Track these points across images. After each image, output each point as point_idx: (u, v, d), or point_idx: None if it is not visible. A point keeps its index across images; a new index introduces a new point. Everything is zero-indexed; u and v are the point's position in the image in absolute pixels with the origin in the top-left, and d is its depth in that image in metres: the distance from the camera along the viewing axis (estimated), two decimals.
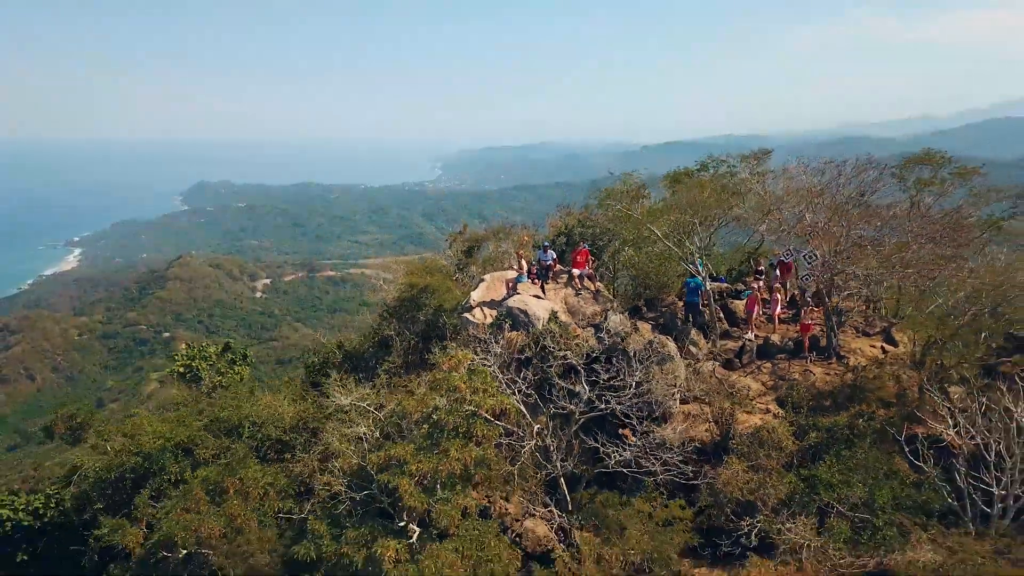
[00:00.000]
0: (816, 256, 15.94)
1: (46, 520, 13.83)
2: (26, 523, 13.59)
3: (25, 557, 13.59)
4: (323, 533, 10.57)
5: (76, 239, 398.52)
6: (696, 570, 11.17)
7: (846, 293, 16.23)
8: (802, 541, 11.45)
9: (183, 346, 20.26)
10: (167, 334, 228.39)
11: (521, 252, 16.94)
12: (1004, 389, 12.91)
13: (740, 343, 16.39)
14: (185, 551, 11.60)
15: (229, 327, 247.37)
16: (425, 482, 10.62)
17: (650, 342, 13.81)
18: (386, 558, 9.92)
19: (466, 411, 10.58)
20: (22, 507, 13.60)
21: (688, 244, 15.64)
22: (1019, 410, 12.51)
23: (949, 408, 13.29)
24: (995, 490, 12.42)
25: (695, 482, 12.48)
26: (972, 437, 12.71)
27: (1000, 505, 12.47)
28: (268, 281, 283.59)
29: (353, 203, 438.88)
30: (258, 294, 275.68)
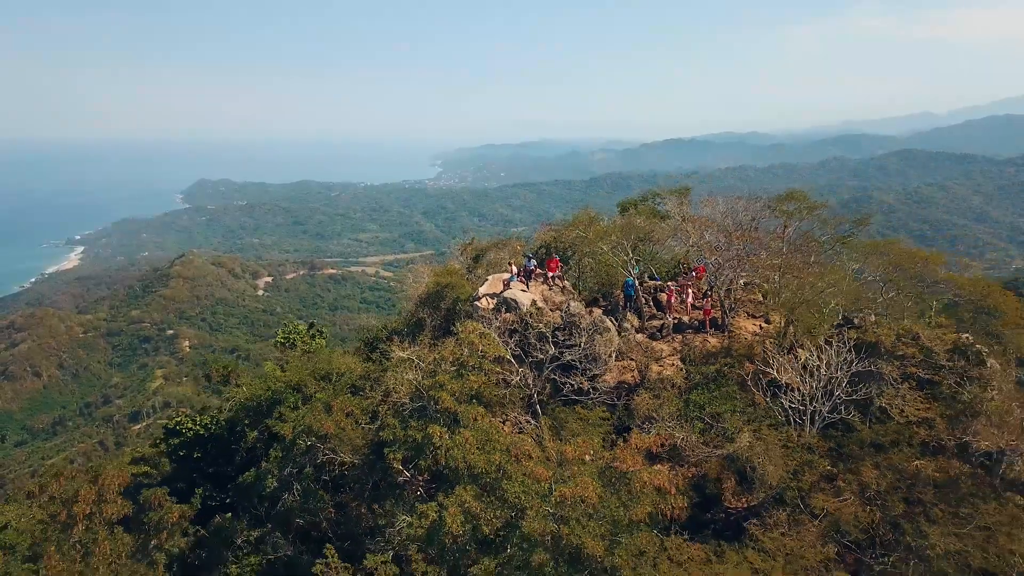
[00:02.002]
0: (712, 264, 24.06)
1: (212, 432, 21.88)
2: (201, 433, 21.64)
3: (199, 455, 21.63)
4: (396, 425, 18.71)
5: (77, 237, 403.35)
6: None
7: (727, 288, 24.27)
8: (679, 435, 19.54)
9: (284, 323, 28.34)
10: (171, 331, 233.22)
11: (512, 260, 25.01)
12: (815, 350, 21.05)
13: (662, 322, 24.52)
14: (309, 443, 19.75)
15: (232, 325, 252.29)
16: (455, 396, 18.72)
17: (594, 320, 21.95)
18: (435, 436, 17.97)
19: (479, 355, 18.72)
20: (198, 423, 21.67)
21: (624, 256, 23.66)
22: (822, 362, 20.61)
23: (784, 362, 21.39)
24: (807, 408, 20.58)
25: (616, 403, 20.64)
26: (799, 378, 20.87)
27: (807, 418, 20.62)
28: (270, 279, 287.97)
29: (353, 201, 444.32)
30: (260, 292, 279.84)
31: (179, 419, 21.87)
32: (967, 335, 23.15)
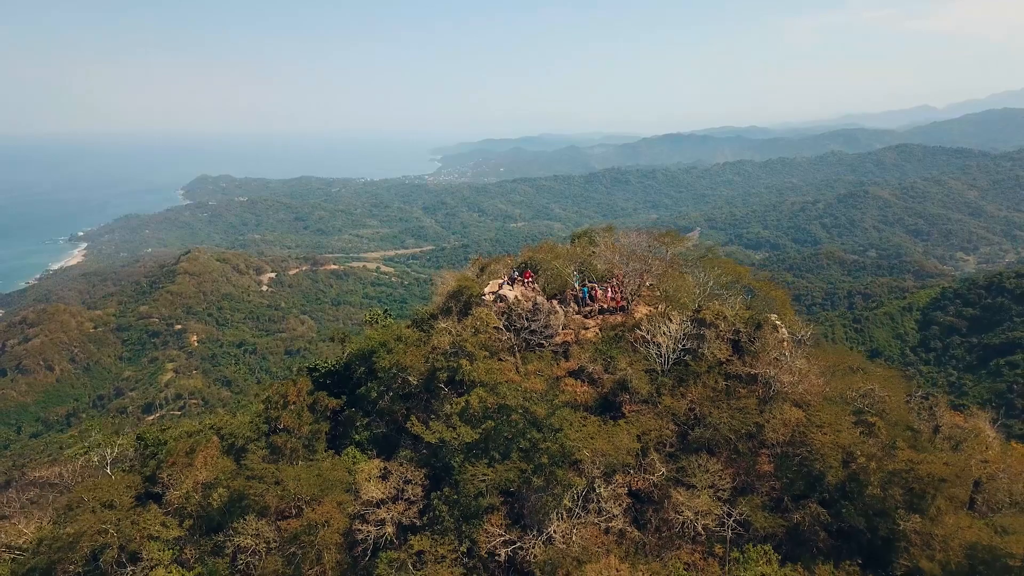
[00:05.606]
0: (620, 273, 42.70)
1: (336, 369, 40.47)
2: (330, 369, 40.30)
3: (328, 382, 40.28)
4: (442, 360, 37.48)
5: (80, 233, 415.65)
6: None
7: (632, 287, 42.87)
8: (591, 367, 38.13)
9: (370, 311, 47.15)
10: (179, 326, 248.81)
11: (504, 271, 43.67)
12: (674, 319, 39.69)
13: (591, 308, 43.20)
14: (395, 372, 38.52)
15: (238, 319, 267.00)
16: (473, 345, 37.37)
17: (551, 307, 40.66)
18: (464, 365, 36.63)
19: (485, 325, 37.46)
20: (328, 363, 40.30)
21: (568, 269, 42.21)
22: (674, 326, 39.26)
23: (654, 329, 40.02)
24: (664, 353, 39.25)
25: (559, 351, 39.37)
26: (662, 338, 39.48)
27: (664, 359, 39.26)
28: (273, 275, 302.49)
29: (353, 197, 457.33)
30: (264, 287, 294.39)
31: (317, 361, 40.57)
32: (774, 315, 41.89)
